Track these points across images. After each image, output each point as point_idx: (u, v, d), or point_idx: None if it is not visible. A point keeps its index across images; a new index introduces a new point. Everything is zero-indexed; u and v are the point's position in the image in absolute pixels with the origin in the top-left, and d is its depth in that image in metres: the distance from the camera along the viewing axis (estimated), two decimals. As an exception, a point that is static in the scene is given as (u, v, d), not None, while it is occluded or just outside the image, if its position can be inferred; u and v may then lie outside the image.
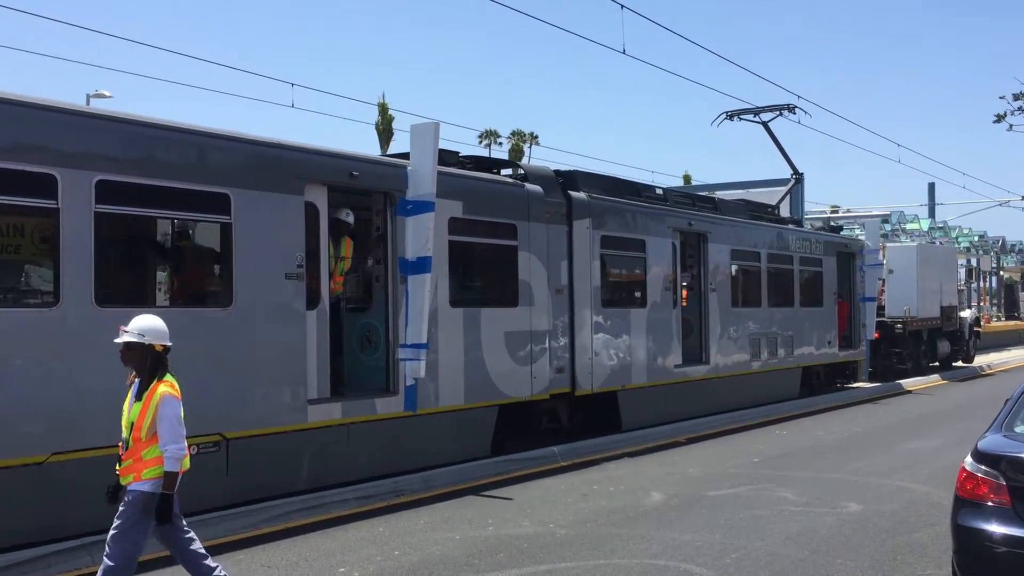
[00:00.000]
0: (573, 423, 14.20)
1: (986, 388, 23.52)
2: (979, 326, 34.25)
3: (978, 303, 42.04)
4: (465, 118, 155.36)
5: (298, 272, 9.92)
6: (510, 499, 10.39)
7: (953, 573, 6.64)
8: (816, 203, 49.10)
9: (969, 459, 6.55)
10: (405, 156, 11.88)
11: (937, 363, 28.91)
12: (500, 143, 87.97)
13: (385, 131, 62.53)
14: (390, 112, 54.36)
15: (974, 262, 42.13)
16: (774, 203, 22.47)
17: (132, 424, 5.90)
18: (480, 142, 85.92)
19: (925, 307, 27.47)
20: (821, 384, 21.80)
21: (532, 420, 13.47)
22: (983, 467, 6.38)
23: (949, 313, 29.32)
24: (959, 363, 30.43)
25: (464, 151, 13.90)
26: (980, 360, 31.88)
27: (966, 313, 31.61)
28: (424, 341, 10.89)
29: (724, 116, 23.55)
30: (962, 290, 33.49)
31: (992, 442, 6.61)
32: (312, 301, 10.17)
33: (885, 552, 8.19)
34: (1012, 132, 22.55)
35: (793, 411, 18.58)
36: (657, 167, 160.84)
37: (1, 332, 7.62)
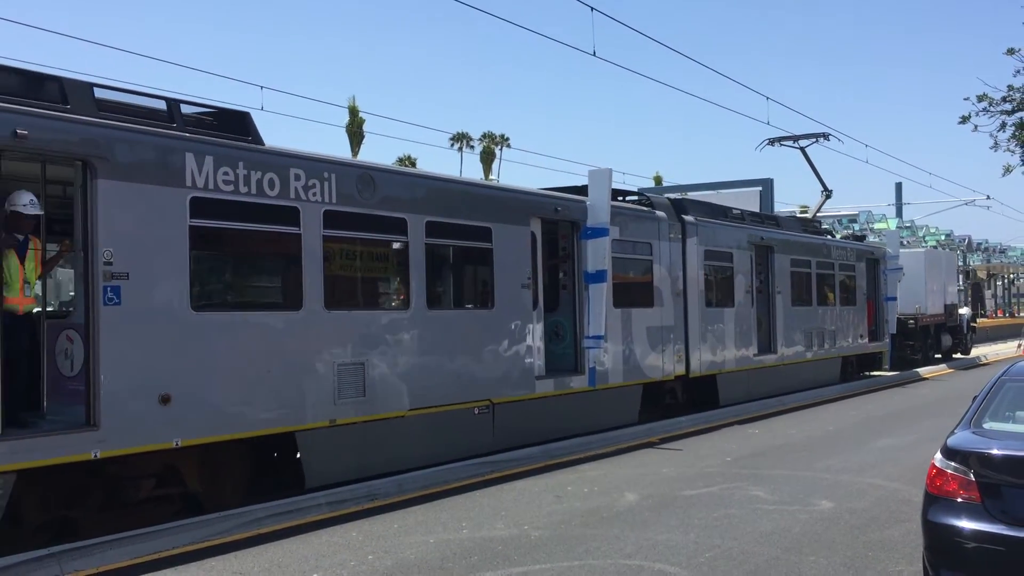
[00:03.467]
0: (685, 400, 17.91)
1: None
2: (975, 322, 38.37)
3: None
4: (437, 121, 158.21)
5: (528, 283, 13.57)
6: (485, 502, 10.41)
7: (924, 569, 6.68)
8: (786, 203, 51.24)
9: (939, 456, 6.60)
10: (571, 190, 15.66)
11: (940, 355, 32.87)
12: (472, 146, 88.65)
13: (355, 134, 62.95)
14: (360, 115, 55.02)
15: (970, 263, 46.24)
16: (744, 203, 25.82)
17: None
18: (452, 145, 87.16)
19: (932, 305, 31.46)
20: (853, 371, 25.68)
21: (660, 397, 17.15)
22: (952, 463, 6.43)
23: (951, 310, 33.36)
24: (958, 355, 34.45)
25: (436, 153, 17.04)
26: (975, 352, 35.96)
27: (964, 310, 35.70)
28: (602, 334, 14.58)
29: (766, 142, 27.36)
30: (961, 290, 37.55)
31: (961, 439, 6.69)
32: (534, 303, 13.81)
33: (857, 549, 8.26)
34: (976, 133, 24.70)
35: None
36: (628, 168, 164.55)
37: (379, 327, 11.23)
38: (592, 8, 17.36)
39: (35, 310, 8.92)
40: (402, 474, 11.15)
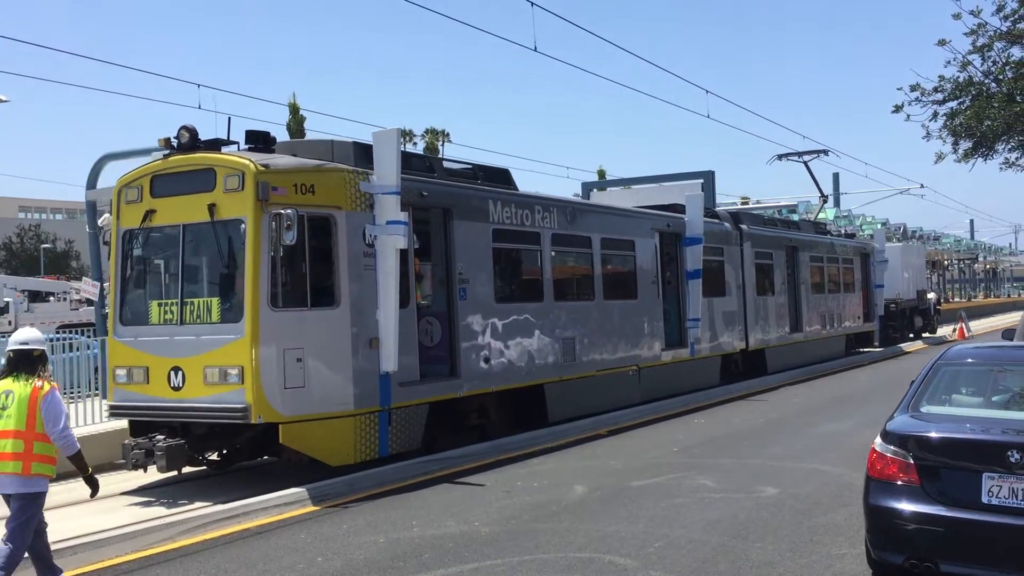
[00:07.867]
0: (744, 369, 22.99)
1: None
2: (940, 305, 44.18)
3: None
4: (378, 117, 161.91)
5: (655, 280, 18.49)
6: (434, 500, 10.36)
7: (867, 551, 6.81)
8: (727, 195, 53.46)
9: (878, 440, 6.66)
10: (660, 208, 20.63)
11: (913, 334, 38.43)
12: (415, 142, 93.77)
13: (297, 132, 65.40)
14: (301, 112, 57.98)
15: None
16: (687, 195, 30.01)
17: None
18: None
19: (907, 291, 37.02)
20: (852, 346, 31.04)
21: (728, 366, 22.17)
22: (892, 447, 6.51)
23: (921, 295, 39.00)
24: (927, 333, 40.10)
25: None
26: (940, 331, 41.69)
27: (931, 295, 41.40)
28: (699, 317, 19.58)
29: (775, 158, 32.57)
30: (929, 277, 43.26)
31: (899, 423, 6.78)
32: (657, 295, 18.72)
33: (801, 534, 8.39)
34: (909, 122, 25.11)
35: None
36: (571, 163, 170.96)
37: (580, 312, 16.02)
38: (532, 3, 17.32)
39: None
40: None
